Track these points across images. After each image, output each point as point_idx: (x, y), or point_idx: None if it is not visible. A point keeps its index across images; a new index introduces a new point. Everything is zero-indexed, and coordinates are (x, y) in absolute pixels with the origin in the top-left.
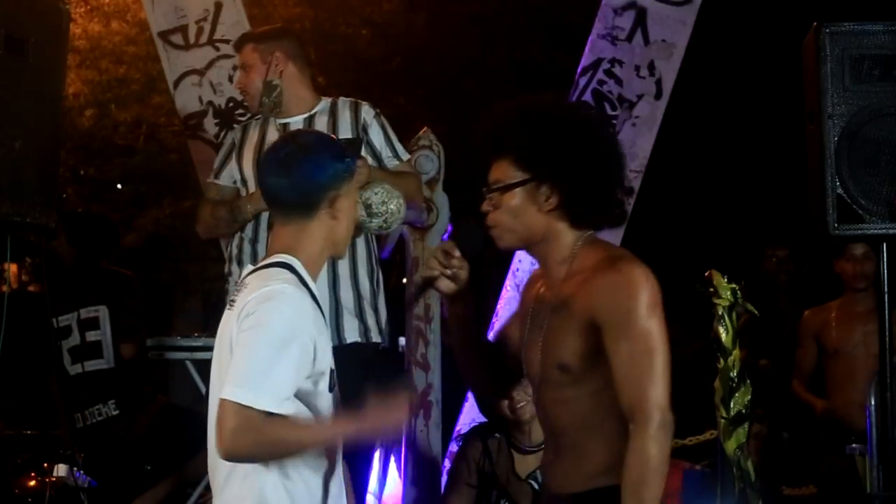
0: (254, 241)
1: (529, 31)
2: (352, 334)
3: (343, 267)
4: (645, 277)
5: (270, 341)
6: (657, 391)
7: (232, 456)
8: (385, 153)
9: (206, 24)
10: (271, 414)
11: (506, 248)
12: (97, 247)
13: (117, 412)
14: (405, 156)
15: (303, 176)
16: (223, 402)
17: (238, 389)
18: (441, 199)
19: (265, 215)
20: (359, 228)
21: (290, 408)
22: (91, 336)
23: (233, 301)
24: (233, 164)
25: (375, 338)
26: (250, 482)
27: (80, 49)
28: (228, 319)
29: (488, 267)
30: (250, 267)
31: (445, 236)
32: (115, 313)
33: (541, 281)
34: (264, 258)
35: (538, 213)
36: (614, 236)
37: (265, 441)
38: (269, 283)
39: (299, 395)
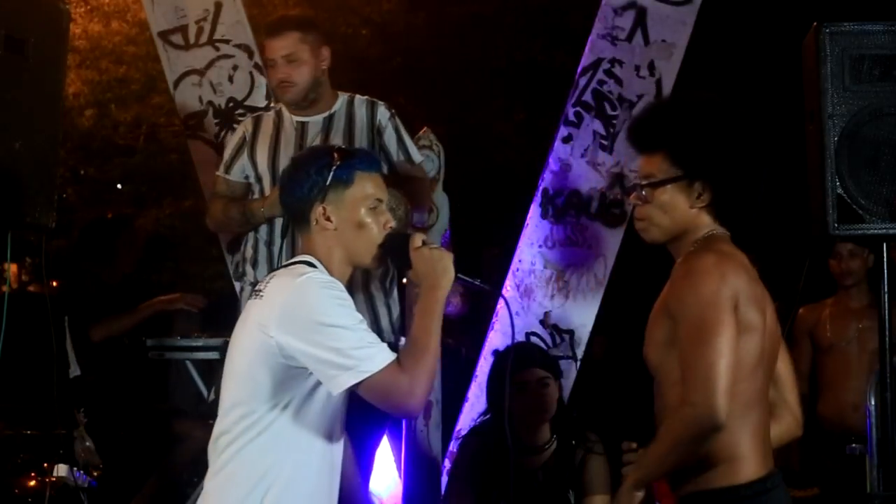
0: (269, 243)
1: (529, 31)
2: None
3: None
4: (709, 266)
5: (331, 318)
6: (698, 375)
7: (418, 404)
8: (398, 157)
9: (206, 24)
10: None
11: (650, 242)
12: None
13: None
14: (417, 158)
15: (287, 193)
16: (361, 389)
17: (352, 372)
18: (441, 199)
19: (280, 219)
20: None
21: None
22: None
23: (259, 291)
24: (244, 158)
25: (388, 338)
26: (251, 462)
27: (80, 49)
28: (253, 308)
29: (488, 267)
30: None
31: (446, 237)
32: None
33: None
34: (290, 260)
35: (689, 209)
36: (615, 236)
37: (417, 370)
38: (297, 277)
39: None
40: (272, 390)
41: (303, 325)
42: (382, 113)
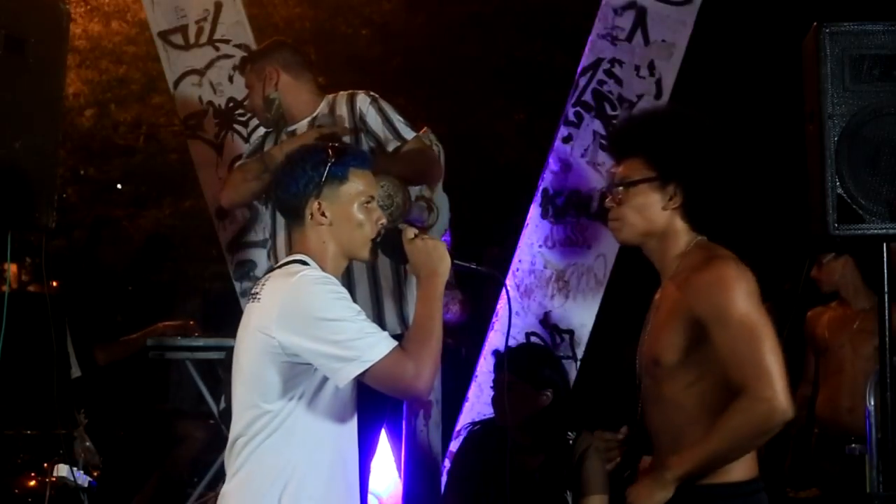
0: (273, 234)
1: (529, 31)
2: None
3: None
4: (737, 273)
5: (328, 312)
6: (763, 372)
7: (426, 387)
8: (386, 137)
9: (206, 24)
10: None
11: (622, 243)
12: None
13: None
14: (409, 134)
15: (283, 189)
16: (367, 378)
17: (356, 362)
18: (441, 199)
19: (280, 226)
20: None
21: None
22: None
23: (256, 294)
24: None
25: (394, 330)
26: (268, 460)
27: (80, 49)
28: (252, 311)
29: (489, 267)
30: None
31: (446, 238)
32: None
33: (659, 288)
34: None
35: (661, 210)
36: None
37: (422, 353)
38: (291, 277)
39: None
40: (281, 389)
41: (302, 323)
42: (362, 101)
